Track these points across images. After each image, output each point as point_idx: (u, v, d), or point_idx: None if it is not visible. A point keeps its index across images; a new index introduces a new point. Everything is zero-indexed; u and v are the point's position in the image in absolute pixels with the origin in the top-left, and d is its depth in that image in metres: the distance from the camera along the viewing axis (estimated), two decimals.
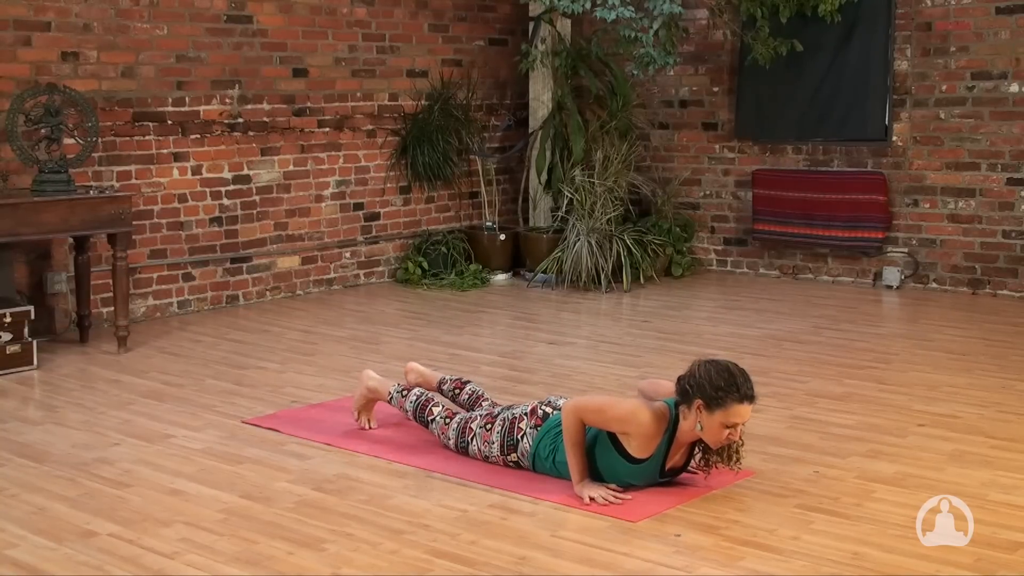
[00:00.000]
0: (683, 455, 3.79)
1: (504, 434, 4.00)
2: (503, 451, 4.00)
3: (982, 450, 4.20)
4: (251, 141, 7.17)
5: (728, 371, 3.58)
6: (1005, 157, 7.20)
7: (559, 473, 3.85)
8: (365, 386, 4.50)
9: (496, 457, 4.03)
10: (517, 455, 3.97)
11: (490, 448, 4.03)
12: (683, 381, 3.63)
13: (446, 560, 3.24)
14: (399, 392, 4.40)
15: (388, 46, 7.91)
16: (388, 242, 8.06)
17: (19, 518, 3.60)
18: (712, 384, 3.55)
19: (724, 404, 3.55)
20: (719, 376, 3.56)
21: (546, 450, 3.90)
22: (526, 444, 3.95)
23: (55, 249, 6.32)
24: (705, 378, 3.57)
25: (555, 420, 3.91)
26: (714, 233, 8.44)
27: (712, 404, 3.56)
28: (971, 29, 7.25)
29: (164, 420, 4.69)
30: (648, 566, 3.20)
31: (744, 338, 6.16)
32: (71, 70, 6.30)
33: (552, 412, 3.96)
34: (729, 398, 3.55)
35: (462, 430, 4.14)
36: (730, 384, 3.56)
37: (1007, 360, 5.58)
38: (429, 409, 4.29)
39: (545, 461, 3.90)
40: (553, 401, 4.02)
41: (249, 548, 3.34)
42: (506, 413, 4.07)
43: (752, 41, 7.66)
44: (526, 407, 4.04)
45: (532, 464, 3.95)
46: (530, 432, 3.95)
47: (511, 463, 4.00)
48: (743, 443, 3.73)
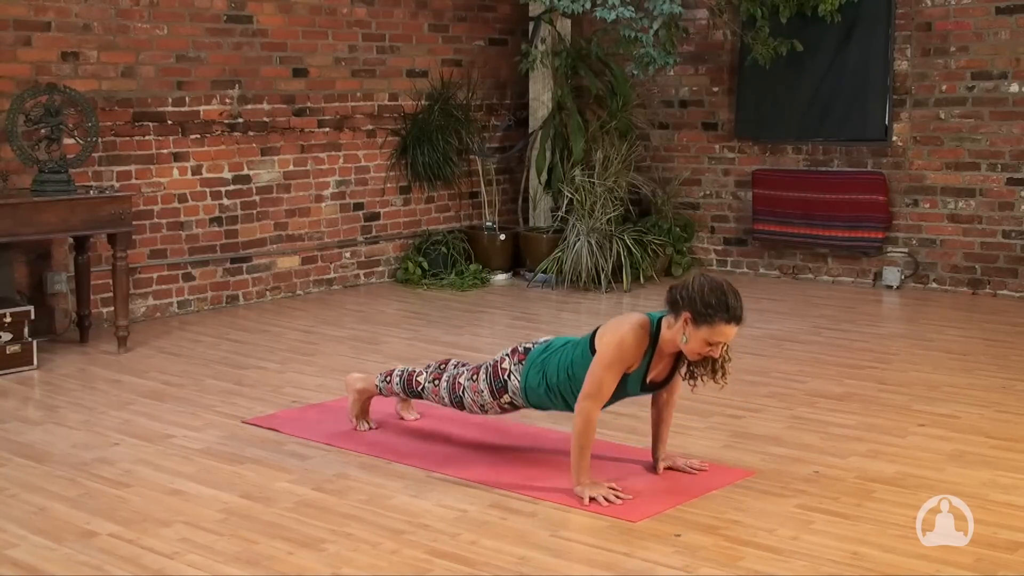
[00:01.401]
0: (665, 368, 3.81)
1: (490, 379, 4.03)
2: (494, 395, 4.03)
3: (982, 450, 4.20)
4: (251, 141, 7.18)
5: (721, 289, 3.58)
6: (1005, 157, 7.20)
7: (551, 402, 3.91)
8: (354, 389, 4.51)
9: (490, 404, 4.05)
10: (509, 395, 4.00)
11: (482, 397, 4.06)
12: (675, 291, 3.64)
13: (446, 560, 3.24)
14: (383, 381, 4.42)
15: (388, 46, 7.91)
16: (388, 242, 8.06)
17: (19, 518, 3.60)
18: (703, 300, 3.55)
19: (712, 321, 3.55)
20: (712, 293, 3.56)
21: (536, 379, 3.92)
22: (515, 381, 3.97)
23: (55, 249, 6.32)
24: (697, 292, 3.57)
25: (538, 351, 3.95)
26: (714, 233, 8.44)
27: (699, 319, 3.56)
28: (971, 29, 7.25)
29: (164, 420, 4.69)
30: (648, 566, 3.20)
31: (744, 338, 6.13)
32: (71, 70, 6.30)
33: (533, 346, 4.00)
34: (718, 316, 3.55)
35: (452, 387, 4.16)
36: (721, 302, 3.55)
37: (1007, 360, 5.59)
38: (415, 380, 4.31)
39: (537, 390, 3.92)
40: (531, 342, 4.05)
41: (249, 548, 3.34)
42: (487, 362, 4.11)
43: (752, 41, 7.66)
44: (505, 351, 4.07)
45: (525, 398, 3.97)
46: (515, 369, 3.97)
47: (506, 405, 4.03)
48: (730, 359, 3.72)
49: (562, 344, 3.95)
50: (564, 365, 3.84)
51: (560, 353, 3.89)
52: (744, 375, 5.35)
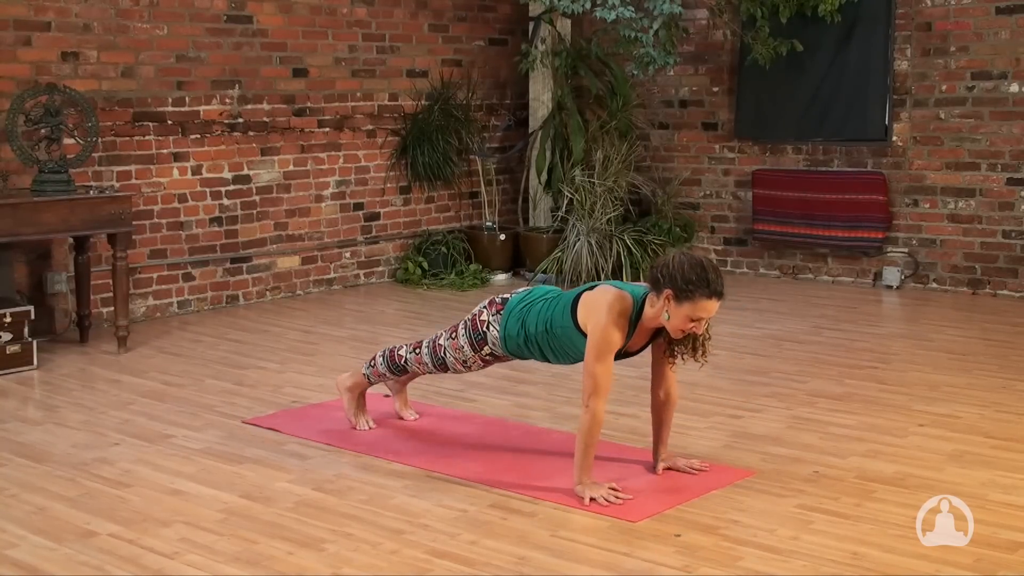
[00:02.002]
0: (642, 340, 3.84)
1: (469, 333, 4.08)
2: (475, 348, 4.07)
3: (982, 450, 4.20)
4: (251, 141, 7.18)
5: (701, 265, 3.62)
6: (1005, 157, 7.20)
7: (528, 351, 3.96)
8: (345, 389, 4.53)
9: (472, 358, 4.10)
10: (489, 346, 4.05)
11: (463, 352, 4.10)
12: (656, 270, 3.68)
13: (446, 560, 3.24)
14: (368, 367, 4.45)
15: (388, 46, 7.91)
16: (388, 242, 8.06)
17: (19, 518, 3.60)
18: (684, 277, 3.59)
19: (693, 297, 3.59)
20: (692, 270, 3.60)
21: (515, 328, 3.96)
22: (494, 332, 4.02)
23: (55, 249, 6.32)
24: (678, 270, 3.61)
25: (517, 300, 4.01)
26: (714, 233, 8.44)
27: (681, 296, 3.60)
28: (971, 29, 7.25)
29: (164, 420, 4.69)
30: (648, 566, 3.20)
31: (744, 338, 6.16)
32: (71, 70, 6.30)
33: (510, 296, 4.06)
34: (699, 292, 3.59)
35: (433, 350, 4.21)
36: (701, 278, 3.59)
37: (1007, 360, 5.58)
38: (396, 355, 4.35)
39: (517, 339, 3.97)
40: (508, 293, 4.10)
41: (249, 548, 3.34)
42: (464, 318, 4.15)
43: (752, 41, 7.66)
44: (483, 303, 4.12)
45: (504, 347, 4.01)
46: (494, 320, 4.02)
47: (487, 357, 4.08)
48: (710, 337, 3.77)
49: (542, 294, 4.02)
50: (544, 318, 3.89)
51: (541, 304, 3.95)
52: (744, 375, 5.36)
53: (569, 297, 3.88)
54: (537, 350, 3.97)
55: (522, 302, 4.00)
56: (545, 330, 3.88)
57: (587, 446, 3.71)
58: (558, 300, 3.91)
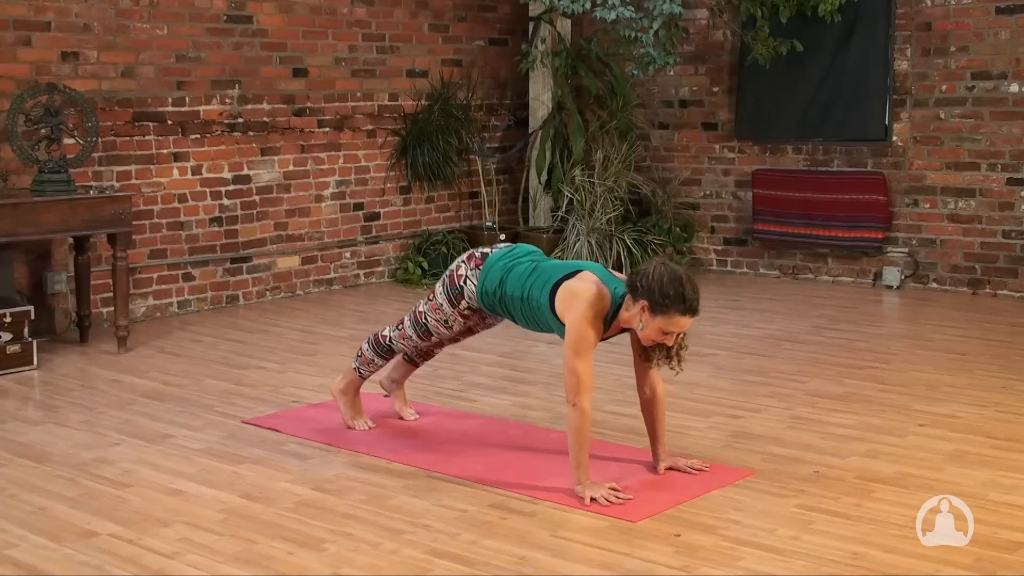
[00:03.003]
0: (614, 331, 3.86)
1: (447, 290, 4.11)
2: (452, 304, 4.10)
3: (982, 450, 4.20)
4: (251, 141, 7.18)
5: (680, 281, 3.61)
6: (1005, 157, 7.20)
7: (501, 310, 3.98)
8: (339, 391, 4.55)
9: (451, 314, 4.12)
10: (466, 299, 4.07)
11: (442, 311, 4.13)
12: (635, 278, 3.68)
13: (446, 560, 3.24)
14: (357, 360, 4.46)
15: (388, 46, 7.91)
16: (388, 242, 8.06)
17: (19, 518, 3.60)
18: (662, 290, 3.59)
19: (667, 312, 3.60)
20: (670, 284, 3.60)
21: (493, 285, 3.97)
22: (471, 286, 4.03)
23: (55, 249, 6.32)
24: (656, 282, 3.61)
25: (498, 256, 4.02)
26: (714, 233, 8.44)
27: (656, 309, 3.61)
28: (971, 29, 7.25)
29: (164, 420, 4.69)
30: (648, 566, 3.19)
31: (744, 338, 6.16)
32: (71, 70, 6.30)
33: (491, 251, 4.07)
34: (674, 307, 3.60)
35: (414, 320, 4.24)
36: (678, 295, 3.60)
37: (1007, 360, 5.58)
38: (380, 337, 4.39)
39: (492, 296, 3.98)
40: (488, 248, 4.12)
41: (249, 548, 3.34)
42: (443, 277, 4.16)
43: (752, 41, 7.66)
44: (461, 258, 4.14)
45: (480, 301, 4.02)
46: (472, 275, 4.04)
47: (465, 311, 4.10)
48: (687, 347, 3.80)
49: (526, 253, 4.03)
50: (524, 285, 3.90)
51: (524, 266, 3.94)
52: (744, 375, 5.36)
53: (552, 275, 3.86)
54: (508, 312, 4.00)
55: (504, 259, 4.01)
56: (522, 298, 3.90)
57: (580, 444, 3.71)
58: (540, 273, 3.90)
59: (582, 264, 3.93)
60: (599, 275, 3.82)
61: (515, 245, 4.14)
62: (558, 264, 3.96)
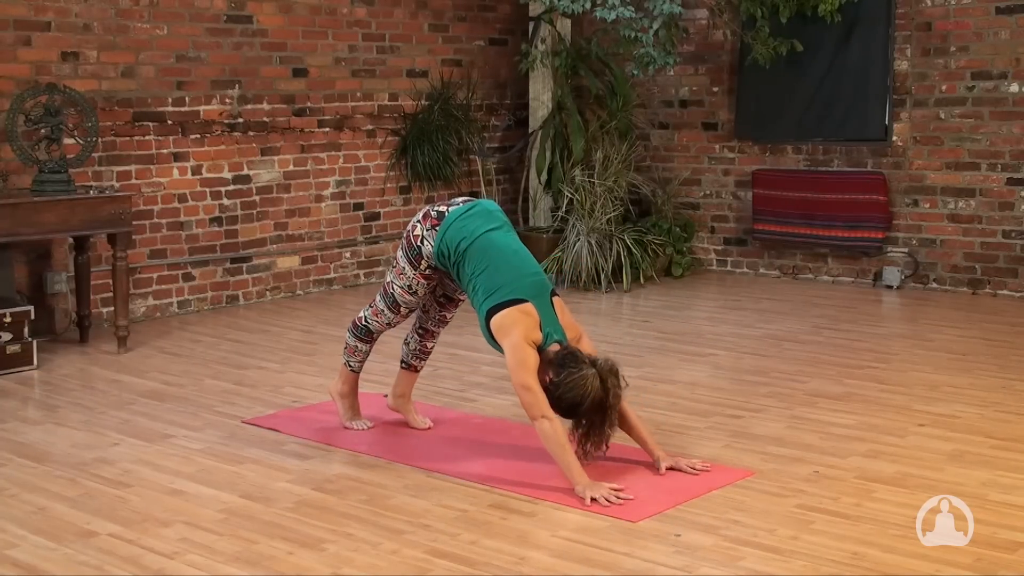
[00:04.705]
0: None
1: (406, 252, 4.13)
2: (414, 266, 4.12)
3: (982, 450, 4.20)
4: (251, 141, 7.18)
5: (576, 404, 3.72)
6: (1005, 157, 7.20)
7: (459, 278, 4.00)
8: (336, 392, 4.56)
9: (414, 278, 4.14)
10: (425, 259, 4.08)
11: (405, 276, 4.16)
12: (555, 366, 3.74)
13: (446, 560, 3.24)
14: (345, 354, 4.47)
15: (388, 46, 7.91)
16: (388, 242, 8.06)
17: (19, 518, 3.60)
18: (557, 401, 3.72)
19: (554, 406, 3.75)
20: (566, 398, 3.71)
21: (449, 246, 3.98)
22: (428, 247, 4.06)
23: (55, 249, 6.32)
24: (555, 391, 3.72)
25: (456, 214, 4.02)
26: (714, 233, 8.44)
27: (549, 392, 3.75)
28: (971, 29, 7.25)
29: (164, 420, 4.70)
30: (648, 566, 3.20)
31: (744, 338, 6.16)
32: (71, 70, 6.30)
33: (447, 210, 4.07)
34: (557, 410, 3.75)
35: (384, 293, 4.28)
36: (568, 411, 3.75)
37: (1007, 360, 5.59)
38: (357, 319, 4.42)
39: (448, 260, 4.00)
40: (444, 205, 4.13)
41: (249, 548, 3.34)
42: (401, 240, 4.20)
43: (752, 41, 7.66)
44: (417, 216, 4.16)
45: (437, 260, 4.03)
46: (428, 235, 4.06)
47: (427, 271, 4.12)
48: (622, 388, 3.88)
49: (485, 217, 4.01)
50: (476, 278, 3.91)
51: (482, 248, 3.93)
52: (744, 375, 5.36)
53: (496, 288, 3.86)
54: (460, 283, 4.04)
55: (462, 218, 4.01)
56: (472, 288, 3.94)
57: (562, 449, 3.75)
58: (490, 275, 3.88)
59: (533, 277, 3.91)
60: (541, 313, 3.84)
61: (475, 202, 4.13)
62: (509, 268, 3.91)
